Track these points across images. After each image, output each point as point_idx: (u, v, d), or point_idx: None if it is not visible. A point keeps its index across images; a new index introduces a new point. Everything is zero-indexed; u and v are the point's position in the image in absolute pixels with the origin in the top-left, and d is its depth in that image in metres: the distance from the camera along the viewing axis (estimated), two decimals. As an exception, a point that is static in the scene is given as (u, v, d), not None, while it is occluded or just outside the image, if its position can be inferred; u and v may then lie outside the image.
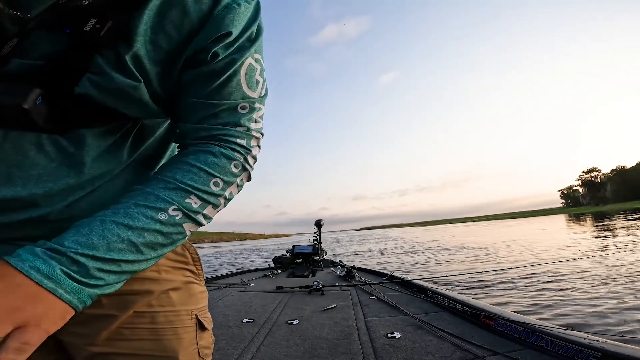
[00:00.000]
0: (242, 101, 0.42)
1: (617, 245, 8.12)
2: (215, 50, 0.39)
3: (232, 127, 0.42)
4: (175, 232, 0.38)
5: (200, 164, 0.40)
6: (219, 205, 0.42)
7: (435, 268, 6.81)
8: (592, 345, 1.19)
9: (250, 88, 0.42)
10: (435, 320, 1.86)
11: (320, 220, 4.38)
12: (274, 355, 1.56)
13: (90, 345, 0.42)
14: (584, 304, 3.27)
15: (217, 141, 0.41)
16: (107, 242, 0.33)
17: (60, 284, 0.30)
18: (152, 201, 0.37)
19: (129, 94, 0.37)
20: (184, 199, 0.38)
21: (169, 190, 0.38)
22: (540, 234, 14.90)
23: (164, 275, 0.46)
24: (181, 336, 0.46)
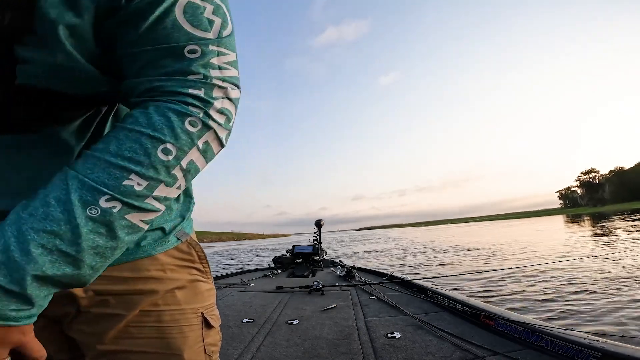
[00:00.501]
0: (189, 44, 0.33)
1: (623, 246, 8.06)
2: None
3: (181, 76, 0.33)
4: (118, 228, 0.31)
5: (140, 127, 0.31)
6: (174, 181, 0.34)
7: (441, 271, 6.50)
8: (592, 345, 1.20)
9: (197, 27, 0.34)
10: (435, 320, 1.86)
11: (320, 220, 4.38)
12: (274, 355, 1.56)
13: (99, 344, 0.42)
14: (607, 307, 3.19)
15: (164, 95, 0.33)
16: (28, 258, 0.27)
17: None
18: (75, 192, 0.29)
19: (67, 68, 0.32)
20: (120, 182, 0.30)
21: (99, 171, 0.30)
22: (541, 235, 14.85)
23: (170, 274, 0.46)
24: (186, 334, 0.46)
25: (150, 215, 0.34)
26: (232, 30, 0.37)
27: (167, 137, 0.32)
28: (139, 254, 0.43)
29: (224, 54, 0.36)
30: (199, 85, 0.34)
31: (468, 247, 11.53)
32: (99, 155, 0.31)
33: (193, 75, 0.34)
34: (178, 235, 0.48)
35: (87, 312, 0.42)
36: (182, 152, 0.33)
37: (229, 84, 0.36)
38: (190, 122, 0.33)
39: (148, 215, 0.33)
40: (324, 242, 4.59)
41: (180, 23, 0.33)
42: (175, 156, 0.33)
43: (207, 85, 0.34)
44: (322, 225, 4.41)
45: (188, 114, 0.33)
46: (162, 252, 0.45)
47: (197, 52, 0.34)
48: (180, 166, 0.33)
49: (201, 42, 0.34)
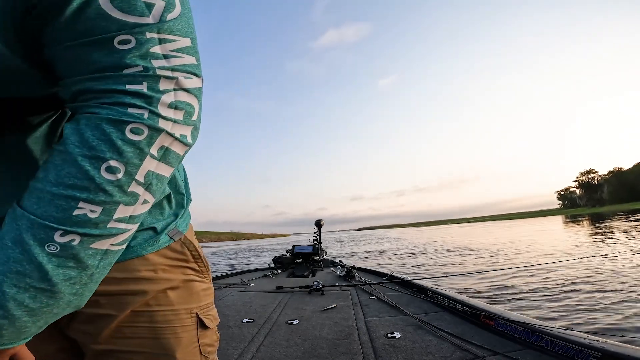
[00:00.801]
0: (119, 33, 0.28)
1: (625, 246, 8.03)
2: None
3: (114, 72, 0.28)
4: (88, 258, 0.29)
5: (74, 147, 0.27)
6: (135, 199, 0.30)
7: (453, 272, 6.05)
8: (592, 345, 1.20)
9: (130, 13, 0.28)
10: (435, 320, 1.86)
11: (321, 220, 4.37)
12: (274, 355, 1.55)
13: (94, 343, 0.43)
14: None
15: (97, 98, 0.29)
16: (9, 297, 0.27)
17: None
18: (27, 231, 0.27)
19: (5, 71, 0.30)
20: (70, 212, 0.27)
21: (45, 205, 0.27)
22: (542, 235, 14.78)
23: (161, 274, 0.45)
24: (180, 335, 0.45)
25: (121, 237, 0.31)
26: (183, 11, 0.31)
27: (106, 154, 0.27)
28: (129, 255, 0.42)
29: (171, 41, 0.30)
30: (138, 79, 0.28)
31: (471, 247, 11.35)
32: (40, 186, 0.28)
33: (129, 68, 0.28)
34: (171, 235, 0.47)
35: (81, 313, 0.42)
36: (132, 167, 0.29)
37: (180, 73, 0.31)
38: (132, 129, 0.28)
39: (119, 238, 0.31)
40: (323, 243, 4.59)
41: (107, 10, 0.27)
42: (126, 172, 0.28)
43: (149, 78, 0.29)
44: (322, 225, 4.40)
45: (127, 121, 0.28)
46: (153, 252, 0.44)
47: (131, 42, 0.28)
48: (136, 181, 0.29)
49: (135, 29, 0.28)
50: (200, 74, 0.33)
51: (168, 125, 0.30)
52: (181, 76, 0.31)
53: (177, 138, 0.31)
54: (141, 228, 0.43)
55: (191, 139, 0.33)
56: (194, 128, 0.33)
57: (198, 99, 0.33)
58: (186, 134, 0.32)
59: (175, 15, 0.31)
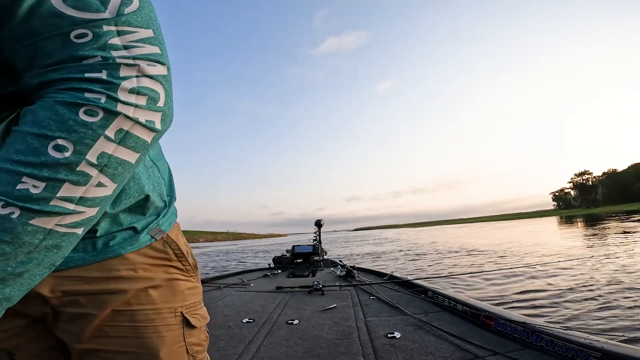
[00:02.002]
0: (75, 28, 0.29)
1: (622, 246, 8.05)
2: None
3: (73, 62, 0.29)
4: (25, 234, 0.29)
5: (26, 126, 0.28)
6: (86, 179, 0.30)
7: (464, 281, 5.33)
8: (592, 346, 1.20)
9: (84, 10, 0.29)
10: (435, 320, 1.87)
11: (321, 220, 4.36)
12: (274, 355, 1.55)
13: (78, 343, 0.43)
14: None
15: (56, 85, 0.29)
16: None
17: None
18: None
19: None
20: (13, 186, 0.28)
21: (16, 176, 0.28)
22: (543, 236, 14.77)
23: (141, 273, 0.45)
24: (163, 334, 0.45)
25: (69, 218, 0.30)
26: (142, 4, 0.32)
27: (55, 132, 0.28)
28: (108, 254, 0.43)
29: (130, 32, 0.31)
30: (97, 67, 0.29)
31: (473, 248, 11.14)
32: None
33: (88, 59, 0.29)
34: (152, 234, 0.47)
35: (62, 312, 0.42)
36: (82, 146, 0.29)
37: (143, 61, 0.31)
38: (86, 111, 0.29)
39: (66, 219, 0.30)
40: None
41: (59, 9, 0.28)
42: (74, 151, 0.29)
43: (109, 66, 0.30)
44: (322, 225, 4.39)
45: (81, 103, 0.28)
46: (132, 251, 0.44)
47: (88, 36, 0.29)
48: (87, 161, 0.29)
49: (91, 24, 0.29)
50: (165, 62, 0.33)
51: (129, 110, 0.30)
52: (143, 64, 0.31)
53: (141, 123, 0.32)
54: (121, 228, 0.44)
55: (160, 125, 0.34)
56: (163, 114, 0.33)
57: (163, 86, 0.33)
58: (154, 119, 0.33)
59: (134, 9, 0.32)
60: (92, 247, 0.43)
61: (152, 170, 0.49)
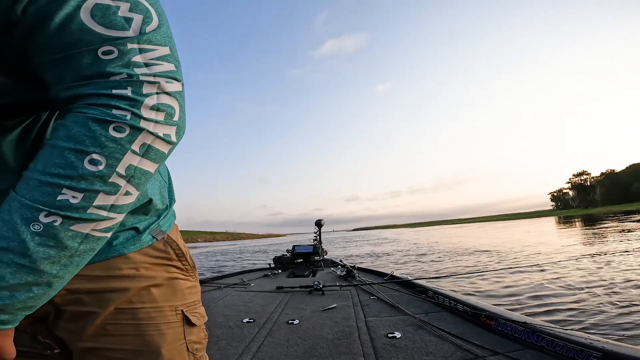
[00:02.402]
0: (102, 45, 0.31)
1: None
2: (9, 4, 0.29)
3: (101, 79, 0.31)
4: (66, 238, 0.32)
5: (62, 141, 0.31)
6: (117, 189, 0.33)
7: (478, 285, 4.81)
8: (592, 345, 1.21)
9: (111, 28, 0.31)
10: (436, 320, 1.87)
11: (321, 220, 4.35)
12: (274, 355, 1.55)
13: (79, 341, 0.44)
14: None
15: (86, 100, 0.32)
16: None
17: None
18: (17, 211, 0.31)
19: None
20: (54, 197, 0.30)
21: (33, 190, 0.31)
22: (542, 236, 14.70)
23: (143, 272, 0.46)
24: (164, 332, 0.47)
25: (103, 224, 0.34)
26: (161, 23, 0.35)
27: (90, 147, 0.31)
28: (111, 254, 0.44)
29: (150, 50, 0.33)
30: (123, 84, 0.32)
31: (475, 248, 10.94)
32: (30, 175, 0.32)
33: (114, 76, 0.31)
34: (153, 234, 0.49)
35: (64, 311, 0.44)
36: (113, 160, 0.32)
37: (162, 78, 0.34)
38: (115, 127, 0.31)
39: (100, 224, 0.34)
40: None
41: (89, 26, 0.31)
42: (107, 165, 0.31)
43: (133, 83, 0.32)
44: (323, 225, 4.38)
45: (110, 120, 0.31)
46: (134, 250, 0.46)
47: (114, 53, 0.32)
48: (117, 173, 0.32)
49: (117, 41, 0.32)
50: (180, 78, 0.36)
51: (150, 125, 0.33)
52: (163, 81, 0.34)
53: (160, 137, 0.34)
54: (123, 228, 0.45)
55: (175, 138, 0.36)
56: (177, 127, 0.36)
57: (179, 101, 0.36)
58: (170, 133, 0.35)
59: (154, 27, 0.34)
60: None
61: (155, 174, 0.51)
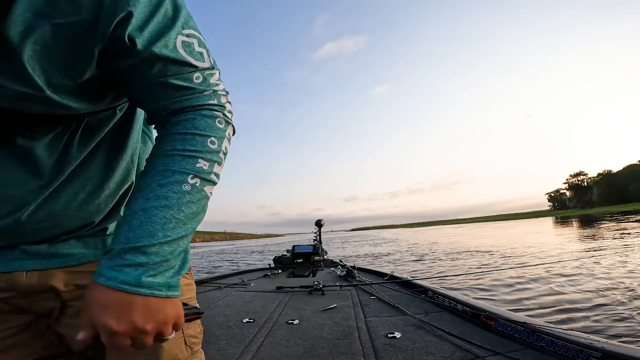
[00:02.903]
0: (195, 72, 0.44)
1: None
2: (129, 35, 0.37)
3: (200, 94, 0.45)
4: (201, 198, 0.43)
5: (193, 130, 0.43)
6: (221, 161, 0.46)
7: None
8: (592, 345, 1.21)
9: (197, 60, 0.44)
10: (436, 320, 1.87)
11: (321, 220, 4.35)
12: (274, 355, 1.55)
13: None
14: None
15: (193, 108, 0.44)
16: (160, 226, 0.38)
17: (151, 288, 0.37)
18: (170, 177, 0.40)
19: (37, 97, 0.37)
20: (195, 165, 0.42)
21: (179, 162, 0.41)
22: (541, 237, 14.72)
23: None
24: None
25: (212, 188, 0.45)
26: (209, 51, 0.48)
27: (209, 133, 0.44)
28: None
29: (215, 74, 0.47)
30: (212, 96, 0.46)
31: (476, 248, 10.89)
32: (172, 153, 0.42)
33: (206, 91, 0.45)
34: None
35: (71, 306, 0.46)
36: (220, 140, 0.45)
37: (226, 92, 0.49)
38: (218, 121, 0.46)
39: (212, 188, 0.45)
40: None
41: (186, 59, 0.43)
42: (218, 144, 0.45)
43: (217, 96, 0.47)
44: (323, 225, 4.37)
45: (216, 117, 0.46)
46: None
47: (201, 78, 0.45)
48: (222, 151, 0.46)
49: (202, 70, 0.45)
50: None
51: (230, 119, 0.48)
52: (226, 93, 0.49)
53: (233, 128, 0.50)
54: (93, 209, 0.49)
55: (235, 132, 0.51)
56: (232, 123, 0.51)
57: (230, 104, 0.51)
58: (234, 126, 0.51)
59: (213, 60, 0.47)
60: (102, 244, 0.49)
61: None
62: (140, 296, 0.35)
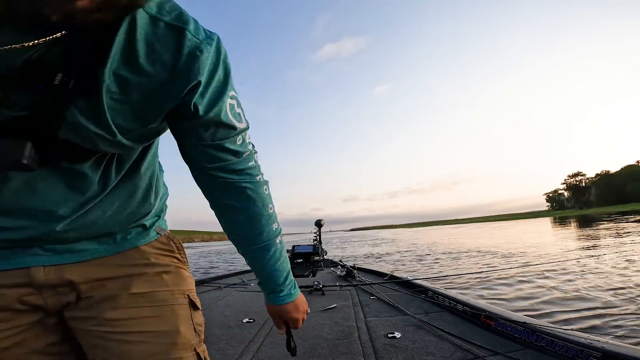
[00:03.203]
0: (237, 135, 0.52)
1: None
2: (194, 102, 0.44)
3: (246, 156, 0.55)
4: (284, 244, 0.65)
5: (264, 201, 0.59)
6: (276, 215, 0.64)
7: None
8: (592, 345, 1.21)
9: (239, 122, 0.52)
10: (436, 320, 1.88)
11: (321, 220, 4.35)
12: (274, 355, 1.55)
13: (99, 326, 0.48)
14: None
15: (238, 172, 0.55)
16: (285, 271, 0.65)
17: (297, 294, 0.68)
18: (279, 242, 0.62)
19: (108, 140, 0.42)
20: (277, 230, 0.62)
21: (272, 232, 0.61)
22: (540, 237, 14.68)
23: (153, 260, 0.55)
24: (178, 312, 0.53)
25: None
26: None
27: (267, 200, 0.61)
28: (127, 246, 0.54)
29: (248, 132, 0.56)
30: (251, 157, 0.57)
31: (477, 248, 10.74)
32: (263, 230, 0.60)
33: (247, 153, 0.56)
34: (157, 230, 0.59)
35: (87, 298, 0.49)
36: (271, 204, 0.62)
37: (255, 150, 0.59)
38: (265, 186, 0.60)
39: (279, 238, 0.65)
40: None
41: (232, 122, 0.50)
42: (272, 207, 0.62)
43: (253, 155, 0.58)
44: (323, 225, 4.37)
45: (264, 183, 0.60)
46: (145, 244, 0.56)
47: (241, 140, 0.54)
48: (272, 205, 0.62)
49: (243, 131, 0.53)
50: None
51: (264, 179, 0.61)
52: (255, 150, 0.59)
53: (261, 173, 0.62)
54: (134, 224, 0.55)
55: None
56: None
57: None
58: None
59: (246, 120, 0.55)
60: (112, 241, 0.52)
61: (161, 179, 0.63)
62: (297, 299, 0.67)
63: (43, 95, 0.36)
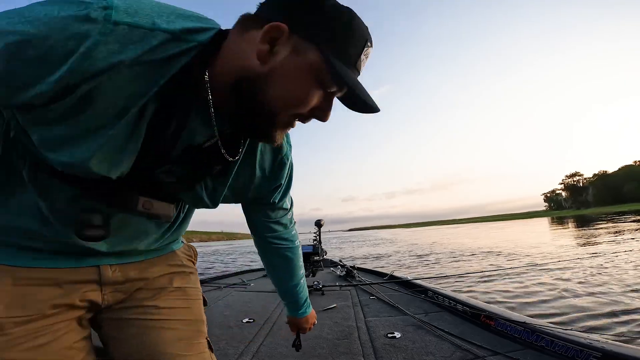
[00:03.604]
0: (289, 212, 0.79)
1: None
2: (274, 197, 0.68)
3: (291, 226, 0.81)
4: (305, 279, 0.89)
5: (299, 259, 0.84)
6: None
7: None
8: (592, 345, 1.22)
9: (290, 205, 0.79)
10: (436, 320, 1.88)
11: (321, 220, 4.35)
12: (274, 355, 1.55)
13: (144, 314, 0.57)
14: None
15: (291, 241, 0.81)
16: (305, 293, 0.89)
17: (310, 309, 0.93)
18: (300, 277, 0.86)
19: (208, 206, 0.58)
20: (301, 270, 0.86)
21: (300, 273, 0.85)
22: (539, 237, 14.68)
23: (184, 262, 0.68)
24: (199, 306, 0.66)
25: None
26: None
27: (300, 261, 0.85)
28: (167, 250, 0.66)
29: None
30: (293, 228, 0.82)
31: (477, 248, 10.62)
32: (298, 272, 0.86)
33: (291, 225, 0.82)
34: (182, 240, 0.73)
35: (138, 290, 0.59)
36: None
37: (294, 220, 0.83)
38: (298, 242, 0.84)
39: None
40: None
41: (288, 206, 0.78)
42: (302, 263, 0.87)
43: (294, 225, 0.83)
44: (323, 225, 4.38)
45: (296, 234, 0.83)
46: (177, 249, 0.69)
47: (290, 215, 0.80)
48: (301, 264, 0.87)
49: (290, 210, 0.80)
50: None
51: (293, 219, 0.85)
52: None
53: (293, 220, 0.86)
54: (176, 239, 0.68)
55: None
56: None
57: None
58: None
59: None
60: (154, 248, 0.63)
61: None
62: (309, 315, 0.91)
63: (192, 170, 0.49)
